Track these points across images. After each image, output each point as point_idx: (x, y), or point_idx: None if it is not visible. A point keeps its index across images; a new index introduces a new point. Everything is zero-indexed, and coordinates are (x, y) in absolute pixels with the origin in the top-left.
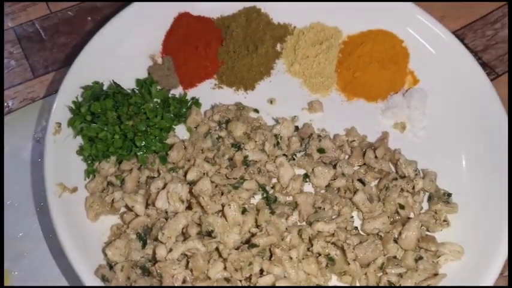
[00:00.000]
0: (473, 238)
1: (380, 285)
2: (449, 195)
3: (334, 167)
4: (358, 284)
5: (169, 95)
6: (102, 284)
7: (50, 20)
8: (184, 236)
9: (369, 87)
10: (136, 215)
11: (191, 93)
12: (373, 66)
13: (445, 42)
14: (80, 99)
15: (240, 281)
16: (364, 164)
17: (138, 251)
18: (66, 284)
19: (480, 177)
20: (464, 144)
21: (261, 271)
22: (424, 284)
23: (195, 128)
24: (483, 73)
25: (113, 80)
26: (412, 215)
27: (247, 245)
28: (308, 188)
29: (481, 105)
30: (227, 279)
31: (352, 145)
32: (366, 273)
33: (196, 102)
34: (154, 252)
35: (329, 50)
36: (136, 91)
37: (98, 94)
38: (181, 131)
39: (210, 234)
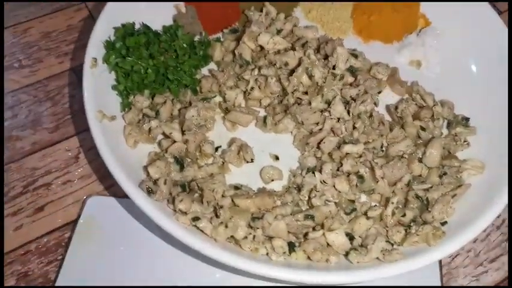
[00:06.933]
0: (492, 156)
1: (408, 198)
2: (468, 119)
3: None
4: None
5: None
6: (145, 196)
7: None
8: None
9: (384, 30)
10: (174, 141)
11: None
12: (386, 9)
13: None
14: (113, 38)
15: None
16: None
17: (176, 172)
18: None
19: (496, 103)
20: (479, 73)
21: None
22: (451, 194)
23: (222, 59)
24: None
25: (143, 22)
26: None
27: None
28: None
29: (491, 35)
30: None
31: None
32: (393, 191)
33: (218, 40)
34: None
35: None
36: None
37: (131, 31)
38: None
39: None
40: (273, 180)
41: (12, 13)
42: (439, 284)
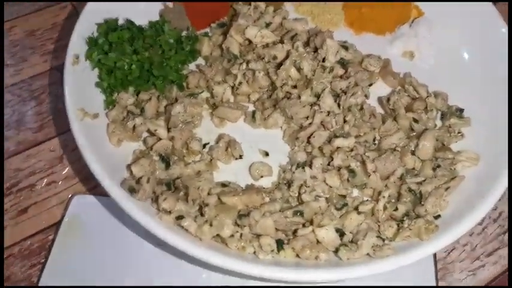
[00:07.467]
0: (486, 148)
1: (401, 192)
2: (462, 110)
3: None
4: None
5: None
6: (127, 196)
7: None
8: None
9: (376, 21)
10: (159, 139)
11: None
12: (378, 2)
13: None
14: (96, 34)
15: None
16: None
17: (162, 170)
18: None
19: (491, 93)
20: (473, 63)
21: None
22: (444, 187)
23: (211, 54)
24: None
25: (127, 18)
26: None
27: None
28: None
29: (484, 25)
30: None
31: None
32: (386, 185)
33: (206, 34)
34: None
35: None
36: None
37: (114, 27)
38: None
39: None
40: (262, 177)
41: None
42: (433, 283)
